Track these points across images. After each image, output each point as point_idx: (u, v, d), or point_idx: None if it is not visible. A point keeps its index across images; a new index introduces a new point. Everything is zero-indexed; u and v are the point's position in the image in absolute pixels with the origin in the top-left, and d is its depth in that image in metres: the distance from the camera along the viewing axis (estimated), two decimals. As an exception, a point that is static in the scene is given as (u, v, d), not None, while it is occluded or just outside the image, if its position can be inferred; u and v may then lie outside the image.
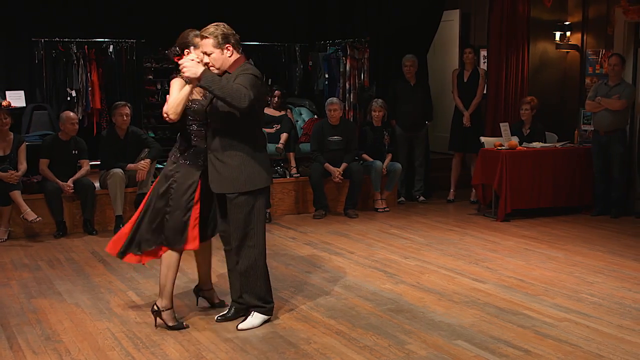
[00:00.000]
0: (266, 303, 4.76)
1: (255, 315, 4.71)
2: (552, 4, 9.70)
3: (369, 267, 6.25)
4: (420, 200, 9.46)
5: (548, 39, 9.92)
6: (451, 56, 11.13)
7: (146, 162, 7.66)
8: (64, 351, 4.31)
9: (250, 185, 4.53)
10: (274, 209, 8.48)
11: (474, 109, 9.26)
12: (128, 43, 10.44)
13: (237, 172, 4.49)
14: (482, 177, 8.43)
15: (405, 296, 5.38)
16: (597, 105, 8.31)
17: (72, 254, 6.78)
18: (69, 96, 10.02)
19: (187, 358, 4.20)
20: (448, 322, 4.78)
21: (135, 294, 5.45)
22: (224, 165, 4.50)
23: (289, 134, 9.01)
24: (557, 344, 4.39)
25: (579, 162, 8.56)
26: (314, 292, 5.47)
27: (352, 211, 8.55)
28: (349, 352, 4.28)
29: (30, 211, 7.15)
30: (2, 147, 7.38)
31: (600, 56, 9.38)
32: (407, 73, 9.25)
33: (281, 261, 6.45)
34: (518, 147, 8.35)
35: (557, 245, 7.01)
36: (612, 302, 5.22)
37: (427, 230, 7.75)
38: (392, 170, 8.84)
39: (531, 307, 5.10)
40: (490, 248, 6.93)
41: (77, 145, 7.73)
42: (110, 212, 7.77)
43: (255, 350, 4.31)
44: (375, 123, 8.96)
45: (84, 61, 10.10)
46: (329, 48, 11.11)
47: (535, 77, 9.83)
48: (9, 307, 5.16)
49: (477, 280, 5.78)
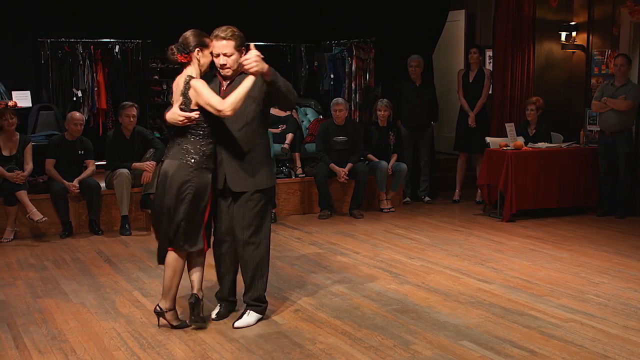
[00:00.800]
0: (262, 302, 4.83)
1: (251, 314, 4.77)
2: (558, 4, 9.69)
3: (374, 267, 6.25)
4: (426, 200, 9.46)
5: (554, 39, 9.90)
6: (457, 56, 11.13)
7: (152, 163, 7.67)
8: (69, 351, 4.32)
9: (270, 181, 4.71)
10: (279, 209, 8.49)
11: (479, 109, 9.26)
12: (134, 43, 10.45)
13: (257, 170, 4.60)
14: (488, 177, 8.42)
15: (410, 296, 5.38)
16: (603, 105, 8.29)
17: (78, 254, 6.80)
18: (74, 96, 10.03)
19: (192, 358, 4.21)
20: (453, 323, 4.78)
21: (141, 294, 5.46)
22: (246, 164, 4.58)
23: (294, 134, 9.02)
24: (562, 344, 4.39)
25: (584, 163, 8.54)
26: (319, 292, 5.47)
27: (357, 211, 8.55)
28: (354, 352, 4.28)
29: (36, 211, 7.17)
30: (8, 147, 7.40)
31: (606, 56, 9.37)
32: (412, 73, 9.25)
33: (286, 261, 6.45)
34: (524, 148, 8.33)
35: (563, 246, 7.00)
36: (618, 303, 5.21)
37: (433, 231, 7.74)
38: (398, 170, 8.84)
39: (537, 307, 5.10)
40: (495, 248, 6.93)
41: (83, 146, 7.74)
42: (116, 212, 7.79)
43: (260, 350, 4.31)
44: (380, 123, 8.96)
45: (90, 61, 10.11)
46: (334, 48, 11.12)
47: (541, 78, 9.82)
48: (15, 307, 5.17)
49: (483, 281, 5.78)
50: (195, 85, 4.40)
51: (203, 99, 4.38)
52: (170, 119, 4.47)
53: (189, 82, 4.42)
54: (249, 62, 4.29)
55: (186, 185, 4.47)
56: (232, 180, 4.59)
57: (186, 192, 4.47)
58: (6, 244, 7.20)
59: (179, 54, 4.48)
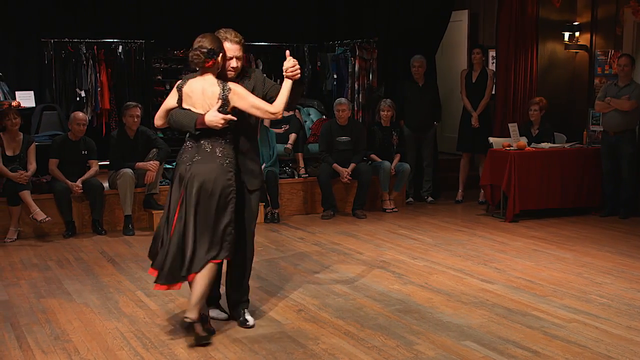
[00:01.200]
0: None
1: (247, 311, 4.82)
2: (561, 5, 9.68)
3: (377, 267, 6.25)
4: (429, 200, 9.46)
5: (557, 40, 9.90)
6: (460, 57, 11.12)
7: (155, 163, 7.69)
8: (73, 351, 4.33)
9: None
10: (282, 209, 8.49)
11: (482, 109, 9.26)
12: (137, 43, 10.47)
13: (259, 168, 4.82)
14: (491, 177, 8.42)
15: (413, 297, 5.38)
16: (606, 105, 8.29)
17: (81, 254, 6.81)
18: (78, 96, 10.06)
19: (195, 358, 4.21)
20: (456, 323, 4.78)
21: (144, 294, 5.47)
22: (254, 163, 4.76)
23: (297, 134, 9.02)
24: (565, 345, 4.38)
25: (587, 163, 8.54)
26: (322, 293, 5.47)
27: (360, 211, 8.56)
28: (357, 352, 4.28)
29: (39, 211, 7.18)
30: (11, 147, 7.42)
31: (609, 56, 9.36)
32: (415, 74, 9.25)
33: (289, 261, 6.46)
34: (527, 148, 8.33)
35: (566, 246, 6.99)
36: (621, 303, 5.20)
37: (436, 231, 7.74)
38: (401, 170, 8.84)
39: (540, 307, 5.09)
40: (498, 249, 6.92)
41: (87, 146, 7.75)
42: (119, 212, 7.80)
43: (263, 350, 4.32)
44: (383, 123, 8.96)
45: (93, 62, 10.14)
46: (337, 48, 11.13)
47: (544, 78, 9.81)
48: (19, 307, 5.18)
49: (486, 281, 5.77)
50: (239, 90, 4.46)
51: (249, 103, 4.45)
52: (210, 122, 4.39)
53: (228, 86, 4.44)
54: (293, 70, 4.45)
55: (229, 189, 4.45)
56: (249, 180, 4.71)
57: (230, 197, 4.45)
58: (9, 244, 7.21)
59: (207, 58, 4.45)
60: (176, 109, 4.55)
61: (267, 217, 8.23)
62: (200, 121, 4.41)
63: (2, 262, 6.50)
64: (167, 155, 7.94)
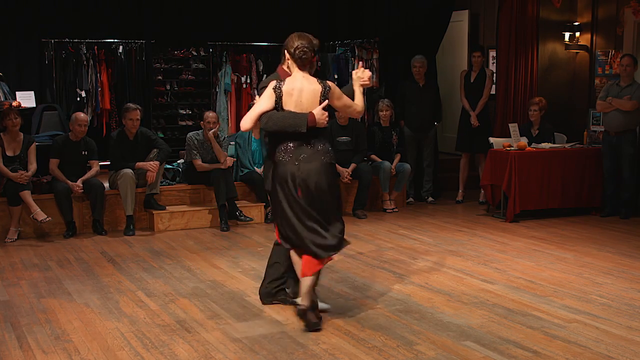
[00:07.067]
0: None
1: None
2: (562, 5, 9.69)
3: (378, 267, 6.25)
4: (429, 200, 9.46)
5: (557, 40, 9.90)
6: (460, 57, 11.13)
7: (156, 163, 7.69)
8: (73, 351, 4.33)
9: None
10: (282, 210, 8.47)
11: (480, 109, 9.25)
12: (137, 44, 10.47)
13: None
14: (491, 177, 8.42)
15: (413, 297, 5.38)
16: (608, 105, 8.29)
17: (82, 254, 6.81)
18: (78, 97, 10.06)
19: (196, 358, 4.21)
20: (457, 323, 4.78)
21: (145, 294, 5.47)
22: None
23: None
24: (566, 345, 4.38)
25: (588, 163, 8.53)
26: (323, 293, 5.46)
27: (360, 212, 8.56)
28: (357, 352, 4.28)
29: (40, 211, 7.19)
30: (12, 148, 7.42)
31: (610, 57, 9.36)
32: (416, 74, 9.25)
33: (290, 261, 6.45)
34: (527, 148, 8.33)
35: (566, 246, 6.99)
36: (622, 304, 5.20)
37: (436, 231, 7.74)
38: (401, 170, 8.84)
39: (540, 308, 5.09)
40: (499, 249, 6.92)
41: (87, 146, 7.76)
42: (119, 212, 7.81)
43: (264, 350, 4.32)
44: (382, 123, 8.96)
45: (94, 62, 10.15)
46: (338, 49, 11.12)
47: (545, 78, 9.82)
48: (19, 307, 5.18)
49: (486, 281, 5.77)
50: (338, 90, 4.74)
51: (343, 102, 4.77)
52: (319, 120, 4.59)
53: (328, 85, 4.69)
54: (367, 79, 4.89)
55: (335, 184, 4.78)
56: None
57: (337, 191, 4.80)
58: (10, 244, 7.21)
59: (314, 54, 4.76)
60: (271, 112, 4.64)
61: (268, 217, 8.23)
62: (311, 119, 4.57)
63: (3, 262, 6.50)
64: (168, 156, 7.94)
